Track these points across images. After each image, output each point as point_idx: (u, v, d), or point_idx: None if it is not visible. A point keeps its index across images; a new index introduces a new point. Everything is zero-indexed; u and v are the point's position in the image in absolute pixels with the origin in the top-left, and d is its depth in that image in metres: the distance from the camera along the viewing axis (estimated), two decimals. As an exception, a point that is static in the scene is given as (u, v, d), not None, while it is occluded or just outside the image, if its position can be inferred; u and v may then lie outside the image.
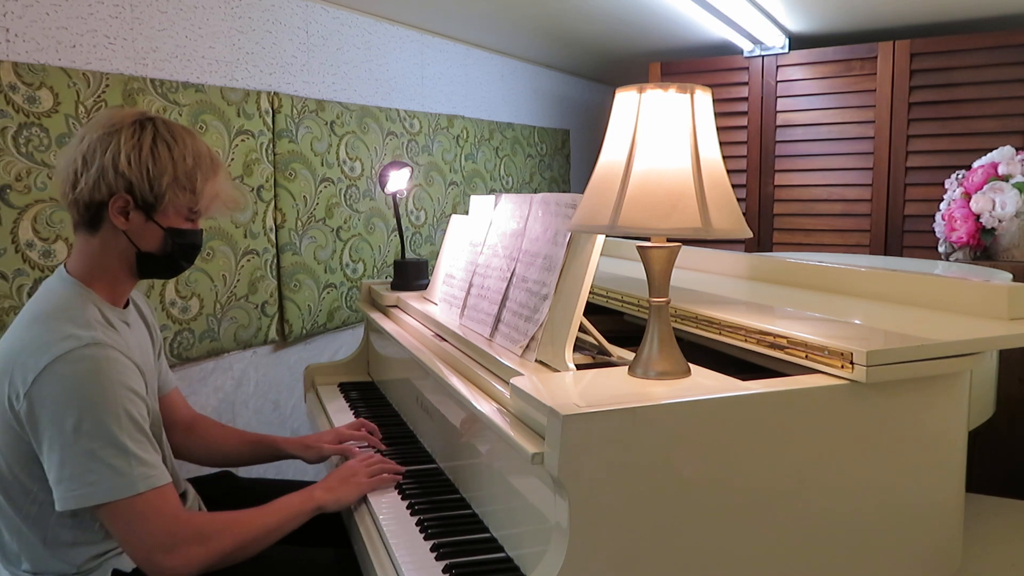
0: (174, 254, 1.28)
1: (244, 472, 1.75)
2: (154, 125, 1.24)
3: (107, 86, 1.82)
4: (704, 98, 1.05)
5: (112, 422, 1.12)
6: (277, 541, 1.46)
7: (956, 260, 2.54)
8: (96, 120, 1.26)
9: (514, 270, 1.43)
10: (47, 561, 1.22)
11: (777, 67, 3.10)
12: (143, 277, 1.31)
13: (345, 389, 2.11)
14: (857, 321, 1.22)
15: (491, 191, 3.33)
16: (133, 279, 1.30)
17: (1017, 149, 2.51)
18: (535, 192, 3.20)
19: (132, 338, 1.30)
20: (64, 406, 1.11)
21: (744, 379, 1.05)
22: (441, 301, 1.77)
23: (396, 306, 2.02)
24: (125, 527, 1.14)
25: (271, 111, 2.25)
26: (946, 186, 2.64)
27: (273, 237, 2.29)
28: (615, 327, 1.63)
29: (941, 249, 2.63)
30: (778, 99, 3.12)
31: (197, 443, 1.58)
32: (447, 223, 2.72)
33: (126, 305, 1.33)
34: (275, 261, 2.31)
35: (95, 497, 1.12)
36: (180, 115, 1.99)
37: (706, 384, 1.03)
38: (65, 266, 1.28)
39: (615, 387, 1.02)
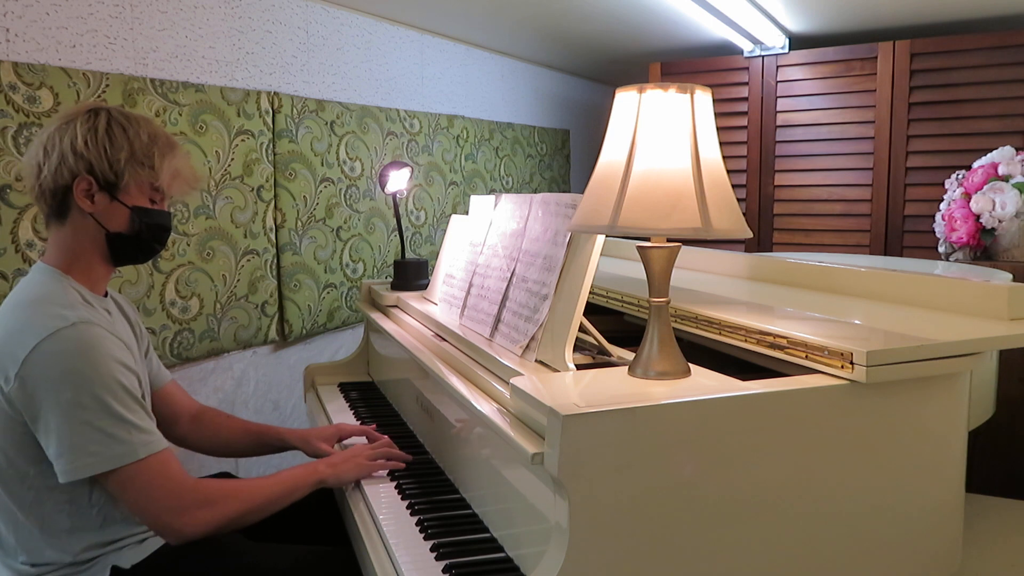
0: (143, 234, 1.30)
1: (243, 474, 1.75)
2: (108, 112, 1.28)
3: (107, 86, 1.82)
4: (704, 98, 1.05)
5: (106, 394, 1.16)
6: (276, 537, 1.48)
7: (956, 260, 2.54)
8: (54, 116, 1.31)
9: (514, 270, 1.43)
10: (44, 551, 1.23)
11: (777, 67, 3.10)
12: (118, 263, 1.33)
13: (345, 389, 2.11)
14: (857, 321, 1.22)
15: (491, 191, 3.33)
16: (108, 266, 1.32)
17: (1017, 149, 2.51)
18: (535, 192, 3.20)
19: (113, 323, 1.30)
20: (58, 383, 1.14)
21: (744, 379, 1.05)
22: (441, 301, 1.77)
23: (396, 306, 2.02)
24: (134, 493, 1.18)
25: (271, 111, 2.25)
26: (946, 186, 2.64)
27: (273, 237, 2.29)
28: (615, 327, 1.62)
29: (941, 249, 2.63)
30: (778, 99, 3.12)
31: (205, 433, 1.60)
32: (447, 223, 2.72)
33: (105, 295, 1.35)
34: (275, 261, 2.31)
35: (98, 466, 1.15)
36: (180, 115, 1.99)
37: (706, 384, 1.03)
38: (41, 260, 1.30)
39: (615, 387, 1.02)
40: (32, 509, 1.22)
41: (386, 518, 1.30)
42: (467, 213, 1.80)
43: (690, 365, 1.09)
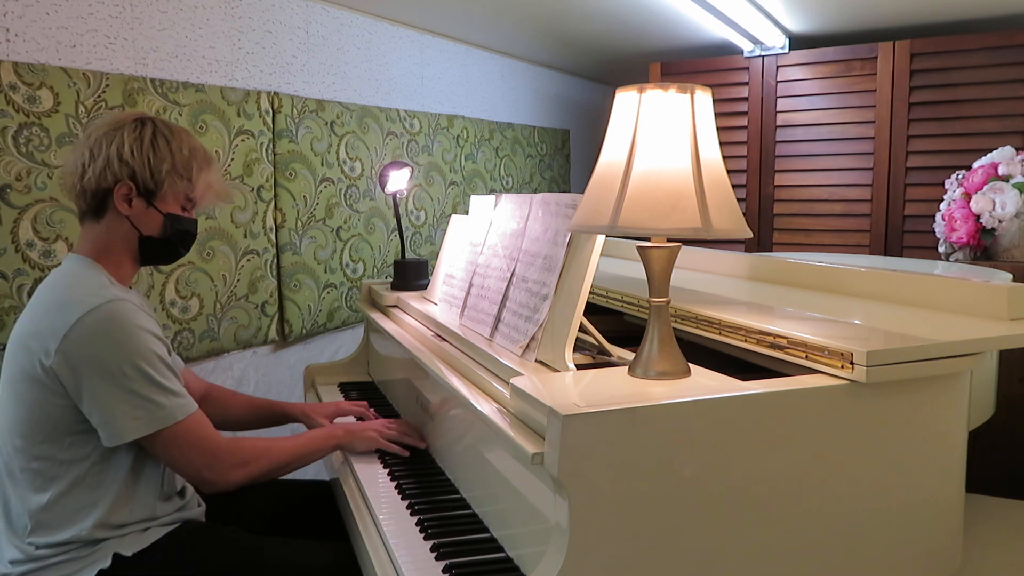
0: (172, 239, 1.39)
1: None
2: (153, 123, 1.37)
3: (107, 86, 1.82)
4: (704, 98, 1.05)
5: (144, 363, 1.25)
6: (277, 531, 1.53)
7: (956, 260, 2.54)
8: (101, 120, 1.39)
9: (514, 270, 1.43)
10: (53, 531, 1.26)
11: (777, 67, 3.10)
12: (144, 263, 1.42)
13: (345, 389, 2.11)
14: (857, 321, 1.22)
15: (491, 191, 3.33)
16: (135, 264, 1.40)
17: (1017, 149, 2.51)
18: (535, 192, 3.20)
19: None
20: (99, 354, 1.22)
21: (744, 379, 1.05)
22: (441, 301, 1.77)
23: (396, 306, 2.02)
24: (175, 452, 1.29)
25: (271, 111, 2.25)
26: (946, 186, 2.64)
27: (273, 237, 2.29)
28: (615, 327, 1.62)
29: (941, 249, 2.63)
30: (778, 99, 3.12)
31: (214, 411, 1.68)
32: (447, 223, 2.72)
33: (129, 289, 1.41)
34: (275, 261, 2.31)
35: (142, 429, 1.25)
36: (180, 115, 1.99)
37: (706, 384, 1.03)
38: (73, 252, 1.37)
39: (615, 387, 1.02)
40: (60, 484, 1.26)
41: (386, 518, 1.30)
42: (467, 213, 1.80)
43: (690, 365, 1.09)
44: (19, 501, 1.28)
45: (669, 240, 1.06)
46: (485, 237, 1.61)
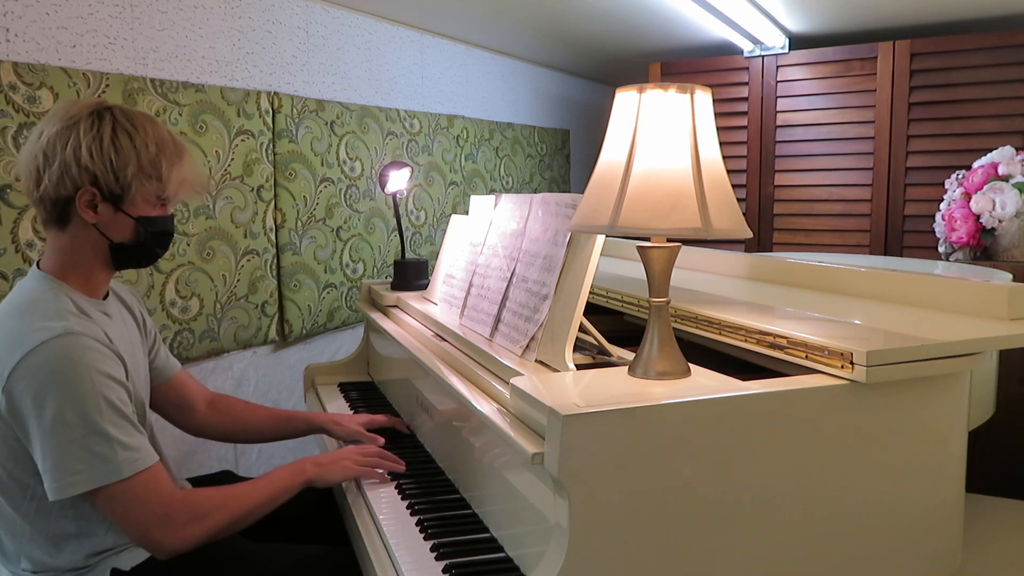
0: (147, 243, 1.27)
1: (244, 471, 1.75)
2: (112, 115, 1.21)
3: (107, 86, 1.82)
4: (704, 98, 1.05)
5: (91, 409, 1.12)
6: (276, 537, 1.49)
7: (956, 260, 2.54)
8: (52, 113, 1.22)
9: (514, 270, 1.43)
10: (46, 559, 1.22)
11: (777, 67, 3.10)
12: (119, 268, 1.31)
13: (345, 389, 2.11)
14: (857, 321, 1.22)
15: (491, 191, 3.33)
16: (109, 271, 1.29)
17: (1017, 149, 2.50)
18: (535, 192, 3.20)
19: (112, 327, 1.27)
20: (42, 397, 1.11)
21: (744, 379, 1.05)
22: (441, 301, 1.77)
23: (396, 306, 2.02)
24: (120, 511, 1.15)
25: (271, 111, 2.25)
26: (946, 186, 2.64)
27: (273, 237, 2.29)
28: (615, 327, 1.62)
29: (941, 249, 2.63)
30: (778, 99, 3.12)
31: (223, 419, 1.61)
32: (447, 223, 2.72)
33: (105, 296, 1.32)
34: (275, 261, 2.31)
35: (81, 485, 1.12)
36: (180, 115, 1.99)
37: (706, 384, 1.03)
38: (38, 264, 1.27)
39: (615, 387, 1.02)
40: (37, 519, 1.21)
41: (386, 518, 1.30)
42: (467, 213, 1.80)
43: (690, 365, 1.09)
44: (7, 530, 1.24)
45: (669, 240, 1.06)
46: (485, 237, 1.61)
